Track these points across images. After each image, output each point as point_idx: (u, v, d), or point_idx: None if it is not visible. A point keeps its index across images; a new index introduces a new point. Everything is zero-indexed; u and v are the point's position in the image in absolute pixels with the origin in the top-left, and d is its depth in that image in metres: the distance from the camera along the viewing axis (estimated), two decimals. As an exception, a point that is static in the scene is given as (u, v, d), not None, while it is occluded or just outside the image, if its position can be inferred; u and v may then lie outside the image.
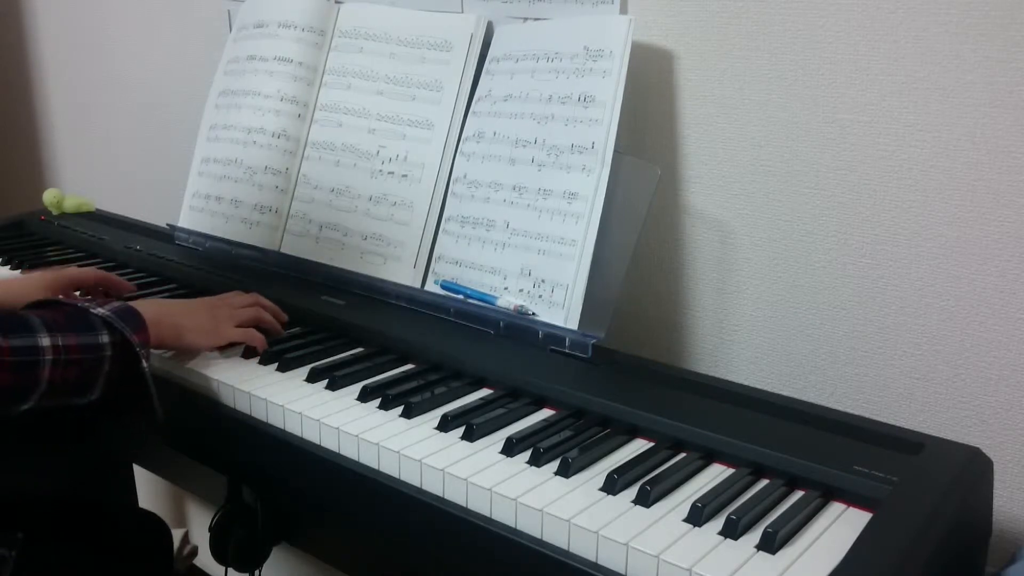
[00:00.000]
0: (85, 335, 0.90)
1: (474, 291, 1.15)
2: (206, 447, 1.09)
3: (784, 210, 1.07)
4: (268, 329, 1.12)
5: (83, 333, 0.90)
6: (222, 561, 1.42)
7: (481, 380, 1.03)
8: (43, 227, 1.63)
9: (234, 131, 1.42)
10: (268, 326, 1.12)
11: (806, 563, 0.72)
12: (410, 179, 1.25)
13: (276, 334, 1.12)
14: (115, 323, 0.92)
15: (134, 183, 2.00)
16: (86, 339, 0.90)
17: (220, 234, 1.41)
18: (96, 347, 0.90)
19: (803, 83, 1.03)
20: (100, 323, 0.91)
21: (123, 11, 1.91)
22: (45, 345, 0.86)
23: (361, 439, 0.90)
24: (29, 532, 1.03)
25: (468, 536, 0.82)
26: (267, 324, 1.12)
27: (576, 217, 1.07)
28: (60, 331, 0.88)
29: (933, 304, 0.99)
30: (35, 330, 0.87)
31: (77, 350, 0.88)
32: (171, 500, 2.07)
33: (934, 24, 0.93)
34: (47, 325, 0.88)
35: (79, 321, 0.91)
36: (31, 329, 0.87)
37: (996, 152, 0.92)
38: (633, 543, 0.73)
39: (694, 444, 0.89)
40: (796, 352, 1.09)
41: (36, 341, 0.86)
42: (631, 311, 1.21)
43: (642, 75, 1.13)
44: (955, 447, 0.86)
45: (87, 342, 0.89)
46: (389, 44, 1.31)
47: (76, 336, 0.89)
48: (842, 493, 0.81)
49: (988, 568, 0.87)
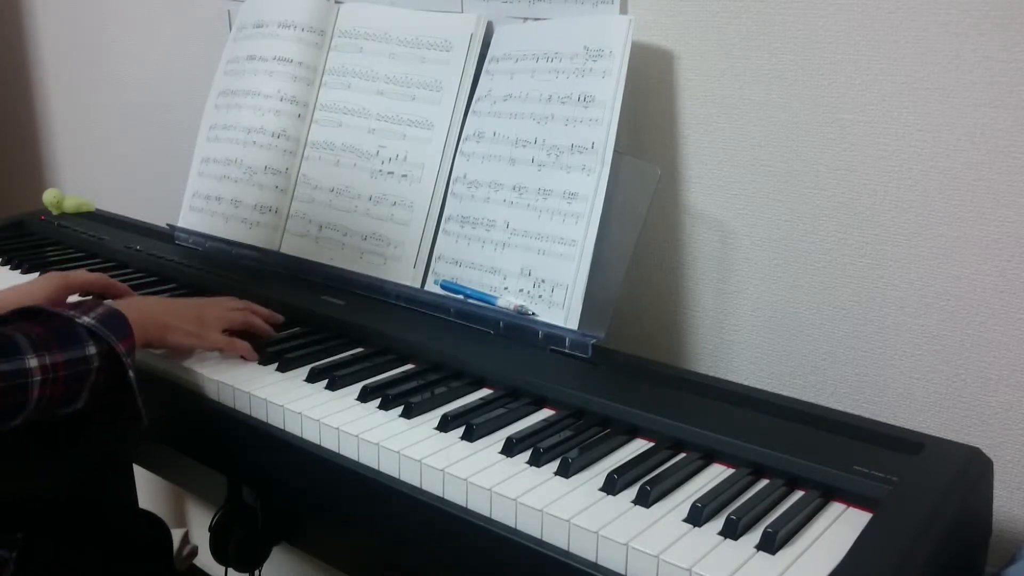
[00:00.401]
0: (72, 350, 0.89)
1: (474, 291, 1.15)
2: (206, 447, 1.09)
3: (784, 210, 1.07)
4: (259, 334, 1.11)
5: (69, 348, 0.88)
6: (222, 561, 1.42)
7: (481, 380, 1.03)
8: (43, 227, 1.63)
9: (234, 131, 1.41)
10: (259, 331, 1.11)
11: (806, 563, 0.72)
12: (410, 179, 1.25)
13: (267, 337, 1.12)
14: (100, 332, 0.91)
15: (134, 183, 2.00)
16: (73, 354, 0.88)
17: (220, 234, 1.41)
18: (83, 360, 0.89)
19: (803, 83, 1.03)
20: (86, 334, 0.90)
21: (123, 11, 1.91)
22: (33, 366, 0.85)
23: (361, 439, 0.90)
24: (29, 532, 1.03)
25: (468, 536, 0.82)
26: (258, 329, 1.11)
27: (576, 217, 1.07)
28: (47, 349, 0.87)
29: (933, 304, 0.99)
30: (22, 352, 0.85)
31: (64, 367, 0.87)
32: (171, 500, 2.07)
33: (934, 24, 0.93)
34: (33, 344, 0.86)
35: (65, 335, 0.89)
36: (18, 351, 0.85)
37: (996, 152, 0.92)
38: (633, 543, 0.73)
39: (694, 444, 0.89)
40: (796, 352, 1.09)
41: (24, 364, 0.85)
42: (631, 311, 1.21)
43: (642, 75, 1.13)
44: (955, 447, 0.86)
45: (74, 356, 0.88)
46: (389, 44, 1.31)
47: (63, 352, 0.88)
48: (842, 493, 0.81)
49: (988, 568, 0.87)
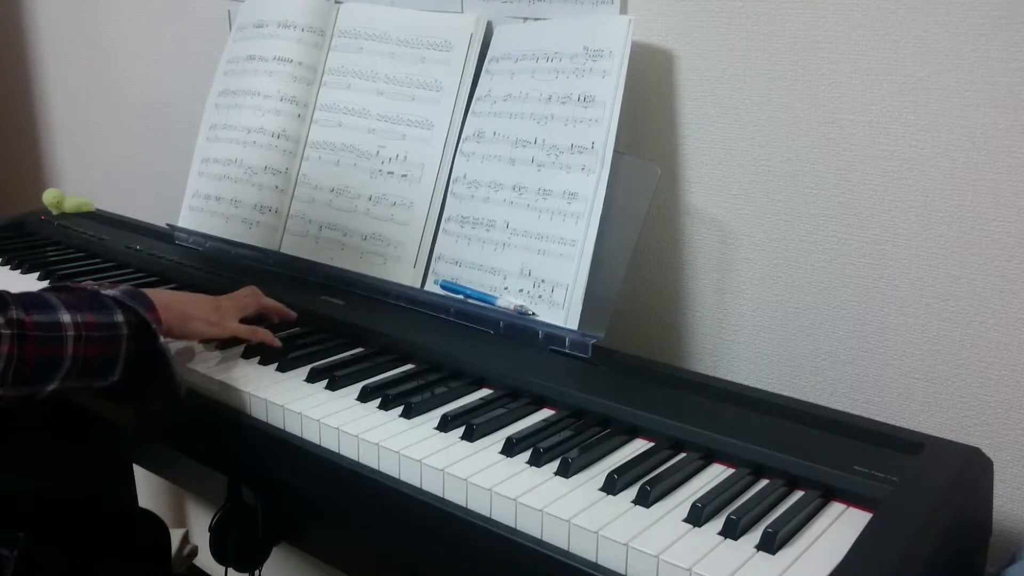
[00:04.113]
0: (101, 313, 0.91)
1: (474, 291, 1.15)
2: (206, 447, 1.09)
3: (784, 210, 1.07)
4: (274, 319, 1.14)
5: (99, 312, 0.91)
6: (222, 561, 1.42)
7: (481, 380, 1.03)
8: (43, 227, 1.63)
9: (234, 131, 1.41)
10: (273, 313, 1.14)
11: (806, 563, 0.72)
12: (410, 179, 1.25)
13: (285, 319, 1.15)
14: (127, 302, 0.93)
15: (134, 183, 2.00)
16: (103, 317, 0.91)
17: (220, 234, 1.41)
18: (113, 325, 0.91)
19: (803, 83, 1.03)
20: (113, 304, 0.93)
21: (123, 11, 1.91)
22: (66, 321, 0.87)
23: (361, 439, 0.90)
24: (30, 532, 1.03)
25: (468, 536, 0.82)
26: (272, 312, 1.14)
27: (576, 217, 1.07)
28: (78, 310, 0.89)
29: (933, 304, 0.99)
30: (55, 307, 0.88)
31: (96, 327, 0.90)
32: (171, 500, 2.07)
33: (934, 24, 0.93)
34: (65, 304, 0.89)
35: (94, 302, 0.92)
36: (51, 306, 0.88)
37: (996, 152, 0.92)
38: (633, 543, 0.73)
39: (694, 444, 0.89)
40: (796, 352, 1.09)
41: (57, 317, 0.87)
42: (631, 311, 1.21)
43: (642, 75, 1.13)
44: (955, 447, 0.86)
45: (105, 320, 0.91)
46: (389, 44, 1.31)
47: (93, 314, 0.90)
48: (842, 493, 0.81)
49: (988, 568, 0.87)
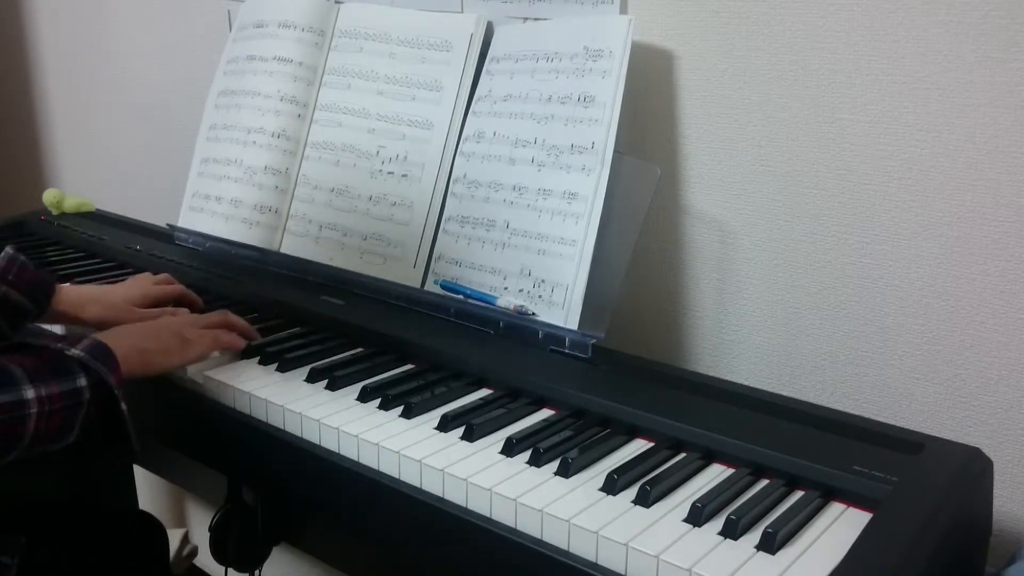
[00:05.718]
0: (65, 381, 0.88)
1: (474, 291, 1.15)
2: (206, 447, 1.09)
3: (784, 210, 1.07)
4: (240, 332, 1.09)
5: (63, 380, 0.88)
6: (222, 561, 1.42)
7: (481, 380, 1.03)
8: (43, 227, 1.62)
9: (234, 131, 1.41)
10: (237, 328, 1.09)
11: (806, 563, 0.72)
12: (410, 179, 1.25)
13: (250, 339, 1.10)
14: (91, 364, 0.90)
15: (134, 183, 2.00)
16: (66, 385, 0.88)
17: (220, 234, 1.41)
18: (76, 392, 0.88)
19: (803, 83, 1.03)
20: (77, 366, 0.90)
21: (123, 11, 1.91)
22: (30, 398, 0.85)
23: (361, 439, 0.90)
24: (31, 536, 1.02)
25: (468, 536, 0.82)
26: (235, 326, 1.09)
27: (576, 217, 1.07)
28: (43, 381, 0.86)
29: (933, 304, 0.99)
30: (19, 383, 0.85)
31: (59, 398, 0.87)
32: (171, 500, 2.07)
33: (934, 24, 0.93)
34: (29, 375, 0.86)
35: (57, 367, 0.89)
36: (15, 382, 0.85)
37: (996, 152, 0.92)
38: (633, 543, 0.73)
39: (694, 444, 0.89)
40: (796, 352, 1.09)
41: (21, 395, 0.84)
42: (631, 311, 1.21)
43: (642, 75, 1.13)
44: (955, 447, 0.86)
45: (68, 388, 0.88)
46: (389, 44, 1.31)
47: (57, 383, 0.87)
48: (842, 493, 0.81)
49: (988, 568, 0.87)
